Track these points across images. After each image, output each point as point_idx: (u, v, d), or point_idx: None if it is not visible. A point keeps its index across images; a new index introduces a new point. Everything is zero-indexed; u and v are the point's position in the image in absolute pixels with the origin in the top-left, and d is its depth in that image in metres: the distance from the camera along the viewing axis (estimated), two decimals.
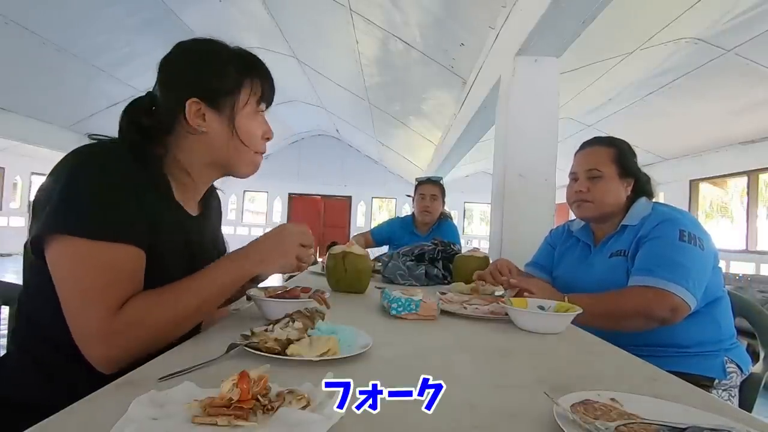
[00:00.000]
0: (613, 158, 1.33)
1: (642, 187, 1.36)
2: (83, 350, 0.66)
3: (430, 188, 2.63)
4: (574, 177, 1.40)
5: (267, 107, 0.90)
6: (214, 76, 0.81)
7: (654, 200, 1.39)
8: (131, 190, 0.71)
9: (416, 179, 2.75)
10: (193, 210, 0.89)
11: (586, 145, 1.41)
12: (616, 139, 1.40)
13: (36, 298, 0.73)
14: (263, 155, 0.90)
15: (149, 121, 0.80)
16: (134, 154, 0.74)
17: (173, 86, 0.81)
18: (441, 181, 2.70)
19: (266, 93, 0.87)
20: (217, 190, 1.04)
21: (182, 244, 0.82)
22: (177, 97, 0.79)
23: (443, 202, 2.68)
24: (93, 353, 0.66)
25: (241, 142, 0.83)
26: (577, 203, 1.38)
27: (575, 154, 1.42)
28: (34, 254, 0.69)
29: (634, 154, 1.39)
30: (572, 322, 1.02)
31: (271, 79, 0.88)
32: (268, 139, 0.89)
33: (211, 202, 0.97)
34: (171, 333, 0.72)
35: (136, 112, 0.81)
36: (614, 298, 1.19)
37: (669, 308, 1.10)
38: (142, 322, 0.67)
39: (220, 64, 0.82)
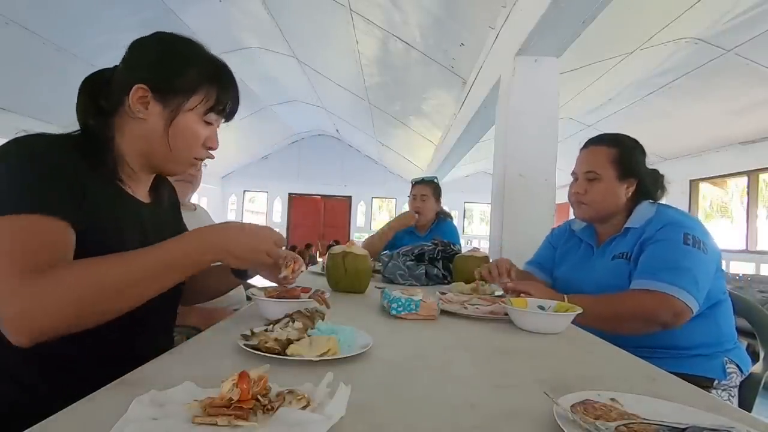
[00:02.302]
0: (612, 159, 1.30)
1: (646, 187, 1.33)
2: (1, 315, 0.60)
3: (420, 188, 2.60)
4: (574, 177, 1.38)
5: (225, 119, 0.88)
6: (172, 71, 0.80)
7: (662, 201, 1.36)
8: (62, 173, 0.69)
9: (412, 180, 2.73)
10: (143, 197, 0.88)
11: (589, 143, 1.38)
12: (622, 137, 1.36)
13: None
14: (199, 161, 0.88)
15: (106, 102, 0.80)
16: (82, 143, 0.75)
17: (131, 68, 0.81)
18: (435, 181, 2.65)
19: (220, 105, 0.84)
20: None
21: (136, 230, 0.82)
22: (130, 80, 0.79)
23: (437, 202, 2.63)
24: (7, 321, 0.60)
25: (171, 141, 0.81)
26: (575, 204, 1.37)
27: (580, 150, 1.39)
28: None
29: (641, 152, 1.34)
30: (572, 323, 1.02)
31: (233, 94, 0.86)
32: (210, 147, 0.87)
33: (162, 191, 0.96)
34: (100, 305, 0.65)
35: (95, 90, 0.81)
36: (616, 300, 1.17)
37: (672, 313, 1.09)
38: (69, 287, 0.62)
39: (183, 63, 0.81)
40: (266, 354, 0.67)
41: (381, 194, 12.98)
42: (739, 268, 5.91)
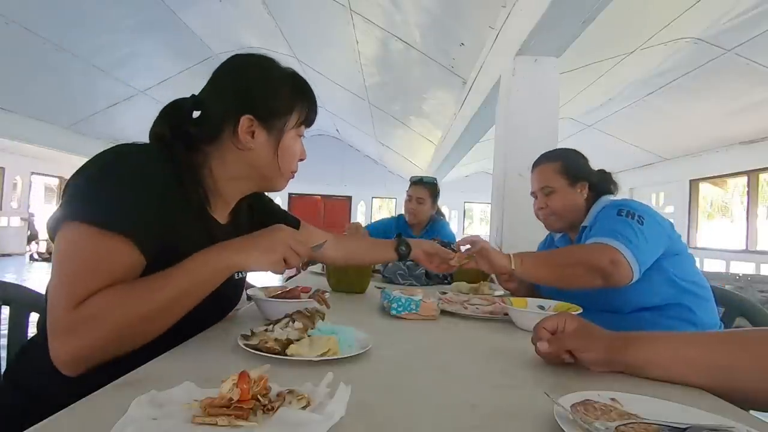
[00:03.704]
0: (558, 171, 1.41)
1: (596, 187, 1.42)
2: (50, 344, 0.62)
3: (418, 191, 2.53)
4: (534, 196, 1.49)
5: (307, 127, 0.92)
6: (270, 96, 0.83)
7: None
8: (156, 193, 0.69)
9: (410, 178, 2.67)
10: (222, 218, 0.88)
11: (535, 165, 1.50)
12: (560, 150, 1.50)
13: None
14: (295, 174, 0.91)
15: (194, 130, 0.80)
16: (172, 160, 0.74)
17: (228, 99, 0.82)
18: (434, 182, 2.60)
19: (310, 117, 0.88)
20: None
21: None
22: (230, 110, 0.80)
23: (434, 205, 2.59)
24: (53, 348, 0.62)
25: (280, 162, 0.84)
26: (543, 219, 1.47)
27: (531, 173, 1.51)
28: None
29: (582, 159, 1.46)
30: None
31: (316, 105, 0.90)
32: (302, 159, 0.91)
33: (241, 209, 0.94)
34: (140, 330, 0.66)
35: (179, 117, 0.81)
36: (560, 250, 1.34)
37: (608, 259, 1.12)
38: (101, 316, 0.62)
39: (276, 85, 0.84)
40: (266, 354, 0.67)
41: (381, 194, 12.98)
42: (739, 268, 5.91)
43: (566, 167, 1.42)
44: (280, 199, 12.92)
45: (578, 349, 0.68)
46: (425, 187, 2.55)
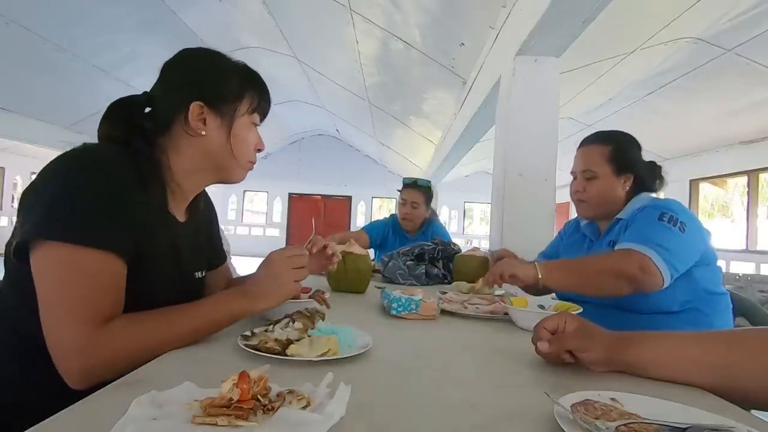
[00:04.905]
0: (607, 157, 1.32)
1: (644, 180, 1.35)
2: (58, 361, 0.64)
3: (411, 195, 2.48)
4: (573, 175, 1.40)
5: (261, 121, 0.92)
6: (219, 81, 0.83)
7: (661, 194, 1.38)
8: (124, 197, 0.70)
9: (403, 180, 2.62)
10: (180, 216, 0.88)
11: (584, 142, 1.40)
12: (616, 134, 1.38)
13: (12, 298, 0.72)
14: (253, 165, 0.91)
15: (149, 124, 0.80)
16: (132, 158, 0.74)
17: (177, 88, 0.83)
18: (429, 185, 2.56)
19: (262, 107, 0.89)
20: (211, 189, 1.04)
21: (169, 250, 0.81)
22: (180, 99, 0.80)
23: (428, 208, 2.55)
24: (69, 366, 0.64)
25: (234, 149, 0.84)
26: (576, 202, 1.40)
27: (577, 149, 1.41)
28: (16, 257, 0.67)
29: (636, 147, 1.36)
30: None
31: (268, 95, 0.91)
32: (259, 150, 0.91)
33: (197, 206, 0.95)
34: (151, 356, 0.69)
35: (133, 114, 0.81)
36: (586, 258, 1.28)
37: (637, 266, 1.09)
38: (126, 343, 0.66)
39: (225, 72, 0.85)
40: (266, 354, 0.67)
41: (381, 194, 12.98)
42: (739, 268, 5.91)
43: (616, 154, 1.32)
44: (280, 198, 12.92)
45: (578, 349, 0.68)
46: (420, 191, 2.50)
